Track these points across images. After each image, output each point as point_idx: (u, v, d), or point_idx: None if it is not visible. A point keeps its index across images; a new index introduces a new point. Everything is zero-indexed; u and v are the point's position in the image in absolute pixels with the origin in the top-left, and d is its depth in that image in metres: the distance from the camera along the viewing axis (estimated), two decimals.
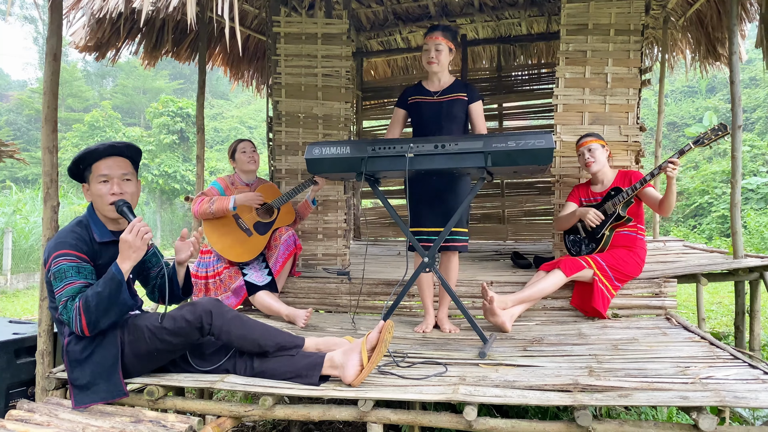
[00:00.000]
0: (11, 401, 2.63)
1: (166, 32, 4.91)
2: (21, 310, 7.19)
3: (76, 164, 2.11)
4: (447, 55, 2.92)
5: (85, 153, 2.09)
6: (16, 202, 12.43)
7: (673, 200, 2.98)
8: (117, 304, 1.88)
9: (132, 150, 2.17)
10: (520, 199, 6.39)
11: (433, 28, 2.92)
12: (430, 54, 2.90)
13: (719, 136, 2.88)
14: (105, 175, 2.07)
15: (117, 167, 2.09)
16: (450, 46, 2.92)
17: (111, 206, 2.05)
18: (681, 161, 3.01)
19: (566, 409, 2.60)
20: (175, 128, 21.20)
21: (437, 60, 2.89)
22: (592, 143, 3.21)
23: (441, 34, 2.89)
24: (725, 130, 2.87)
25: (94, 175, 2.08)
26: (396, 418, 1.90)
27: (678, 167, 2.91)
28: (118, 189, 2.07)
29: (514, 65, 6.65)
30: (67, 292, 1.90)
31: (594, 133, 3.29)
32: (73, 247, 1.98)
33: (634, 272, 3.08)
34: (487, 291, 2.80)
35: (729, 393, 1.78)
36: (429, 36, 2.91)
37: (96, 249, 2.06)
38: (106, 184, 2.07)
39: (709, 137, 2.90)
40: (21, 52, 67.18)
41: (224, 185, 3.40)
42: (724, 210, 12.01)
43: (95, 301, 1.85)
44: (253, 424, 3.24)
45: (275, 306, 3.16)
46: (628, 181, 3.13)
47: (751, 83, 17.43)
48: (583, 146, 3.24)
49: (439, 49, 2.89)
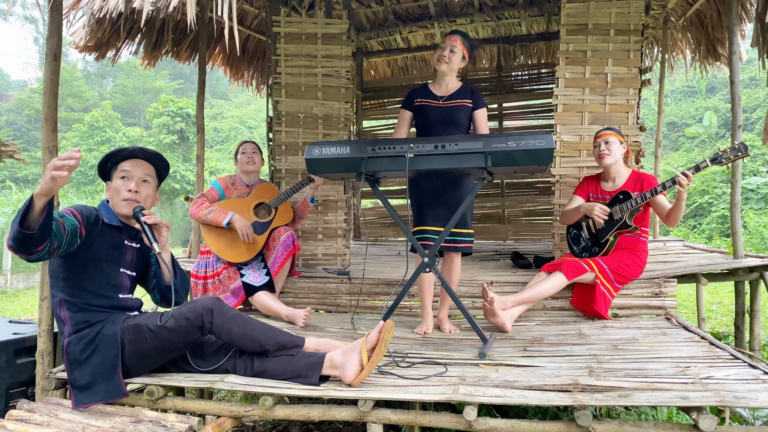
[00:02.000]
0: (11, 401, 2.63)
1: (166, 32, 4.91)
2: (21, 310, 7.19)
3: (105, 161, 2.20)
4: (459, 59, 2.91)
5: (116, 150, 2.20)
6: (16, 202, 12.44)
7: (680, 213, 2.90)
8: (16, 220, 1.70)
9: (160, 161, 2.26)
10: (520, 199, 6.39)
11: (455, 31, 2.94)
12: (444, 52, 2.89)
13: (738, 157, 2.77)
14: (126, 171, 2.16)
15: (139, 168, 2.19)
16: (464, 53, 2.92)
17: (125, 202, 2.12)
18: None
19: (566, 409, 2.60)
20: (175, 128, 21.23)
21: (449, 60, 2.89)
22: (609, 136, 3.12)
23: (460, 38, 2.90)
24: (746, 152, 2.74)
25: (117, 172, 2.17)
26: (396, 418, 1.90)
27: (690, 181, 2.79)
28: (135, 187, 2.14)
29: (514, 65, 6.65)
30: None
31: (614, 128, 3.19)
32: (75, 207, 2.08)
33: (634, 274, 3.07)
34: (488, 291, 2.80)
35: (729, 393, 1.78)
36: (449, 36, 2.91)
37: (98, 228, 2.10)
38: (124, 180, 2.15)
39: (727, 157, 2.77)
40: (21, 52, 67.32)
41: (224, 185, 3.40)
42: (724, 210, 12.01)
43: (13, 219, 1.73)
44: (253, 424, 3.24)
45: (274, 306, 3.16)
46: (640, 185, 3.06)
47: (751, 83, 17.43)
48: (600, 138, 3.15)
49: (453, 51, 2.89)
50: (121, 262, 2.17)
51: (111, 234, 2.14)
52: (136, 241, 2.24)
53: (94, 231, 2.08)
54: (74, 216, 2.02)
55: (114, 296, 2.13)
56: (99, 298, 2.07)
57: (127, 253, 2.20)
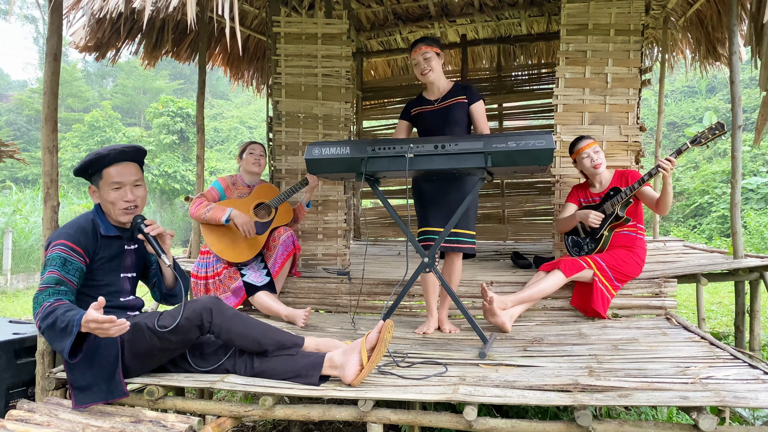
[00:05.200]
0: (11, 401, 2.63)
1: (166, 32, 4.91)
2: (21, 310, 7.19)
3: (85, 168, 2.12)
4: (437, 60, 2.92)
5: (95, 158, 2.09)
6: (16, 202, 12.43)
7: (669, 199, 2.97)
8: (57, 342, 1.80)
9: (140, 153, 2.21)
10: (520, 199, 6.39)
11: (414, 43, 2.94)
12: (421, 66, 2.91)
13: (717, 135, 2.85)
14: (118, 182, 2.09)
15: (129, 173, 2.12)
16: (436, 51, 2.92)
17: (123, 211, 2.09)
18: (680, 161, 3.00)
19: (566, 409, 2.60)
20: (175, 128, 21.22)
21: (430, 67, 2.90)
22: (594, 145, 3.18)
23: (423, 44, 2.90)
24: (722, 129, 2.84)
25: (105, 181, 2.10)
26: (396, 418, 1.90)
27: (673, 166, 2.89)
28: (131, 196, 2.11)
29: (514, 65, 6.65)
30: (46, 280, 1.91)
31: (588, 136, 3.26)
32: (71, 238, 2.00)
33: (634, 272, 3.08)
34: (487, 291, 2.80)
35: (729, 393, 1.78)
36: (413, 51, 2.93)
37: (99, 242, 2.09)
38: (118, 190, 2.10)
39: (706, 136, 2.87)
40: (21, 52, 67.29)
41: (225, 185, 3.40)
42: (724, 210, 12.01)
43: (49, 322, 1.79)
44: (253, 424, 3.24)
45: (274, 306, 3.16)
46: (625, 180, 3.13)
47: (751, 83, 17.41)
48: (587, 149, 3.17)
49: (427, 57, 2.90)
50: (121, 268, 2.17)
51: (110, 245, 2.13)
52: (133, 243, 2.23)
53: (95, 248, 2.07)
54: (77, 253, 1.99)
55: (115, 300, 2.13)
56: None
57: (126, 258, 2.19)
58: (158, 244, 2.08)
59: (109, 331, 1.71)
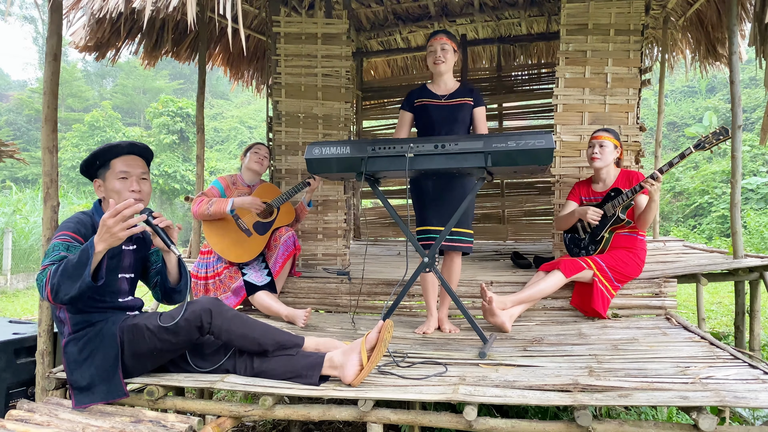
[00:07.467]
0: (11, 401, 2.63)
1: (166, 32, 4.90)
2: (21, 310, 7.19)
3: (94, 158, 2.12)
4: (452, 55, 2.93)
5: (107, 147, 2.11)
6: (16, 202, 12.43)
7: (649, 217, 2.93)
8: (78, 276, 1.77)
9: (149, 152, 2.23)
10: (520, 199, 6.39)
11: (437, 32, 2.95)
12: (437, 54, 2.90)
13: (720, 140, 2.81)
14: (125, 172, 2.10)
15: (137, 165, 2.14)
16: (454, 47, 2.93)
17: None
18: (682, 162, 2.97)
19: (566, 409, 2.60)
20: (175, 128, 21.22)
21: (444, 59, 2.90)
22: (605, 139, 3.12)
23: (445, 36, 2.91)
24: (726, 134, 2.81)
25: (112, 171, 2.10)
26: (396, 418, 1.90)
27: (659, 183, 2.81)
28: (137, 186, 2.11)
29: (514, 65, 6.65)
30: (52, 258, 1.88)
31: (612, 130, 3.18)
32: (71, 229, 2.01)
33: (633, 273, 3.07)
34: (486, 291, 2.80)
35: (729, 393, 1.78)
36: (434, 38, 2.92)
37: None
38: (125, 180, 2.10)
39: (710, 141, 2.83)
40: (21, 52, 67.28)
41: (225, 185, 3.40)
42: (724, 210, 12.01)
43: (62, 267, 1.79)
44: (253, 424, 3.24)
45: (274, 306, 3.16)
46: (629, 182, 3.09)
47: (751, 83, 17.41)
48: (596, 139, 3.14)
49: (445, 48, 2.90)
50: (120, 268, 2.15)
51: None
52: (132, 243, 2.22)
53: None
54: (78, 242, 1.98)
55: (114, 300, 2.12)
56: (99, 302, 2.06)
57: (125, 259, 2.18)
58: (167, 236, 2.06)
59: (129, 220, 1.76)
